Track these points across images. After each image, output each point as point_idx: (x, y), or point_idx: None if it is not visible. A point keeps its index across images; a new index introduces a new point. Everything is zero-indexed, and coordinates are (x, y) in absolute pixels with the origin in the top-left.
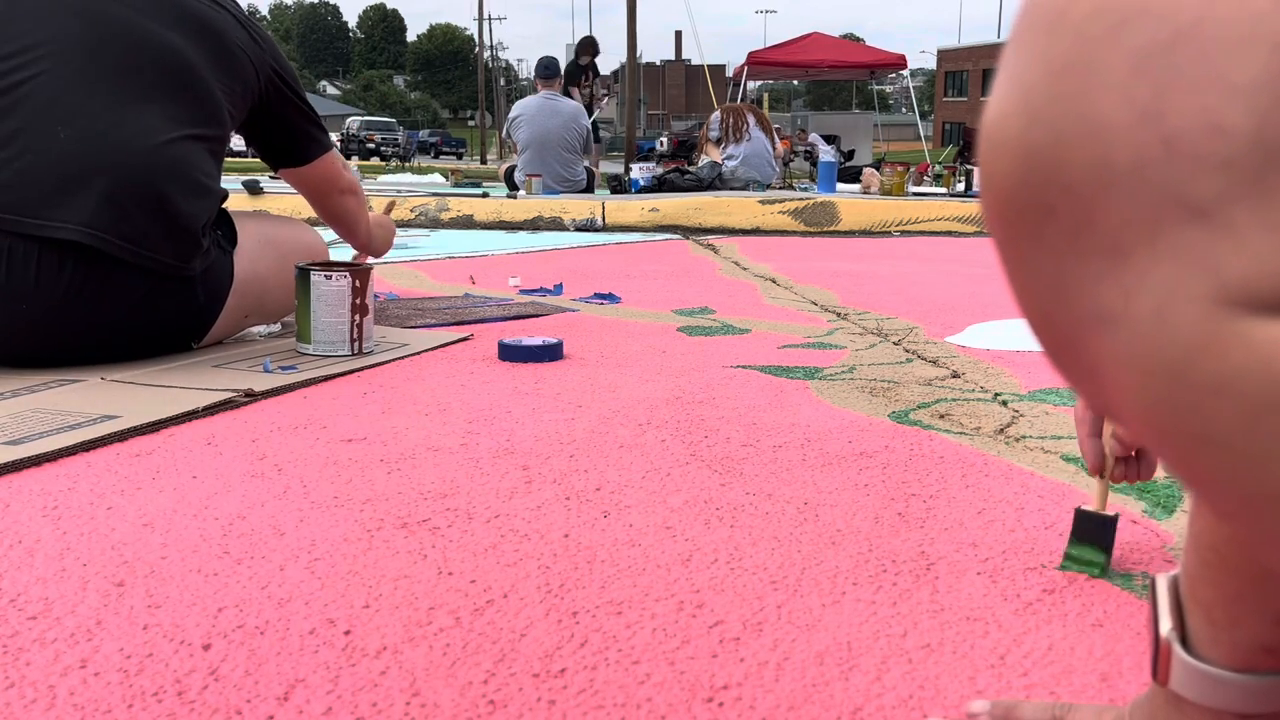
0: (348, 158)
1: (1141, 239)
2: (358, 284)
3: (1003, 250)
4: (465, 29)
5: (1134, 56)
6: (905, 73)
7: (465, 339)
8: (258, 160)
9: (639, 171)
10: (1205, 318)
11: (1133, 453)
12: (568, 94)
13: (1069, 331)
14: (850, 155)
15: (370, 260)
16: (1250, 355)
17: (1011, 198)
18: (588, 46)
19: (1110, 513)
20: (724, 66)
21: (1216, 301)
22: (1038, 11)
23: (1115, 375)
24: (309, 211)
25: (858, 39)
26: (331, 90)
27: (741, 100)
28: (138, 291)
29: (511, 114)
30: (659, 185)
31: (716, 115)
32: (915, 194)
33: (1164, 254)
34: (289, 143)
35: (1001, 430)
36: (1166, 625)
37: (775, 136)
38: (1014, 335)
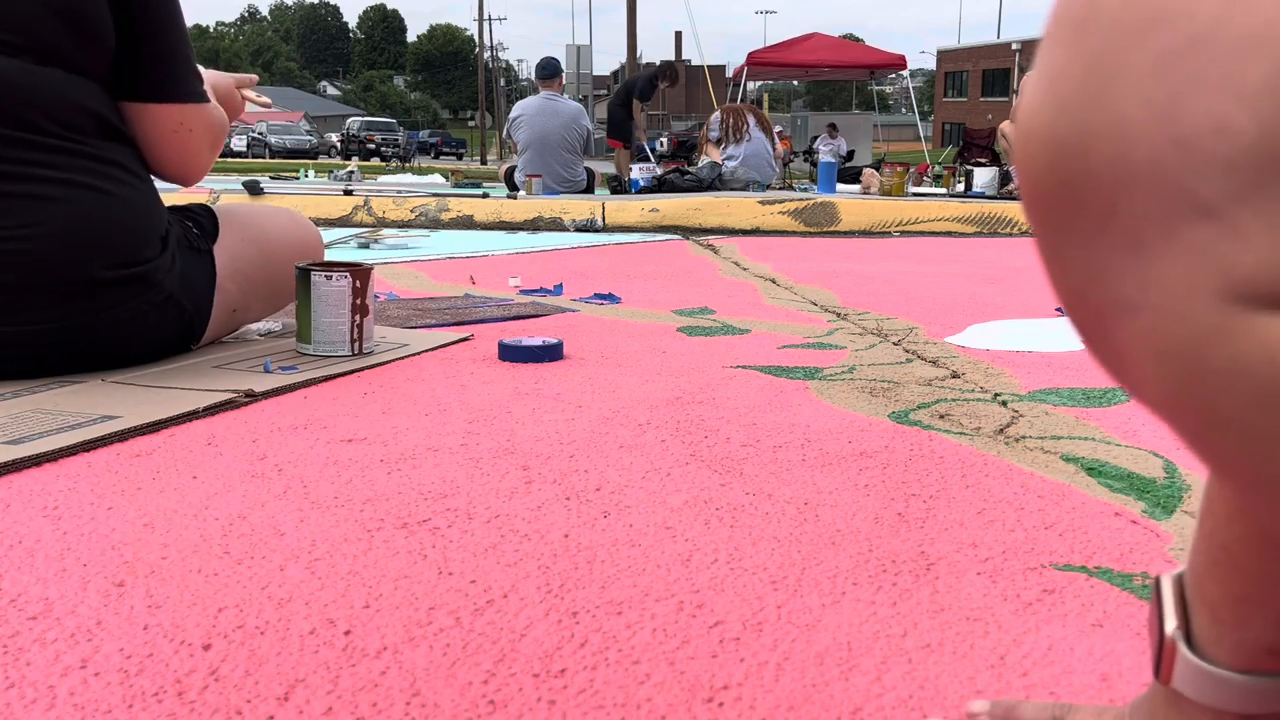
0: (347, 158)
1: (1158, 233)
2: (358, 284)
3: (1037, 235)
4: (465, 29)
5: (1154, 58)
6: (905, 73)
7: (465, 339)
8: (258, 160)
9: (639, 172)
10: (1215, 311)
11: None
12: (629, 110)
13: (1097, 315)
14: (850, 155)
15: (366, 264)
16: (1257, 348)
17: (1043, 186)
18: (670, 75)
19: None
20: (724, 67)
21: (1225, 297)
22: (1069, 10)
23: (1136, 359)
24: (309, 211)
25: (858, 39)
26: (331, 91)
27: (741, 100)
28: (123, 313)
29: (512, 114)
30: (659, 186)
31: (716, 116)
32: (915, 194)
33: (1178, 249)
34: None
35: (1001, 430)
36: (1172, 624)
37: (775, 137)
38: (1014, 335)
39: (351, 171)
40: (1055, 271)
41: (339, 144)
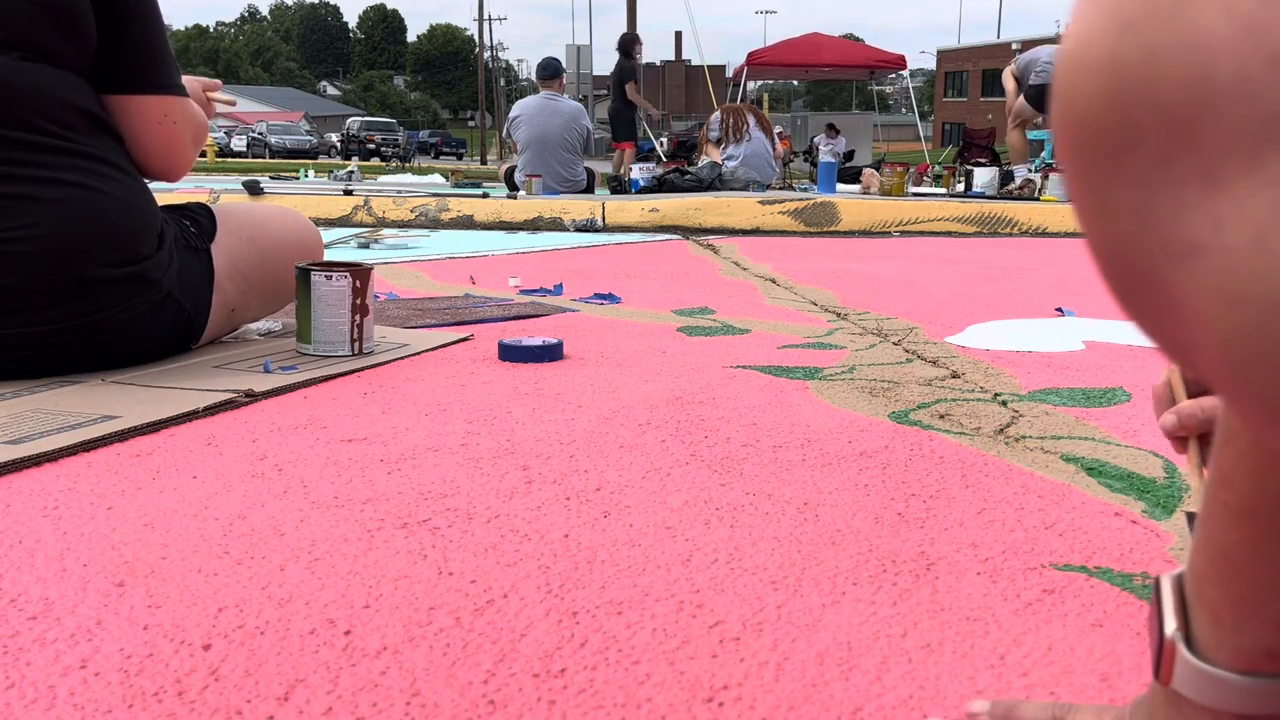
0: (347, 158)
1: (1240, 165)
2: (358, 284)
3: (1075, 180)
4: (465, 29)
5: None
6: (905, 73)
7: (465, 339)
8: (258, 160)
9: (639, 172)
10: None
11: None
12: (623, 91)
13: (1146, 263)
14: (850, 155)
15: (366, 263)
16: None
17: (1093, 121)
18: (634, 42)
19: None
20: (724, 67)
21: None
22: None
23: (1198, 309)
24: (309, 211)
25: (858, 39)
26: (331, 90)
27: (741, 100)
28: (122, 312)
29: (511, 114)
30: (659, 185)
31: (716, 115)
32: (915, 194)
33: (1266, 180)
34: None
35: (1001, 430)
36: (1172, 625)
37: (775, 137)
38: (1014, 335)
39: (351, 171)
40: (1096, 219)
41: (339, 144)
